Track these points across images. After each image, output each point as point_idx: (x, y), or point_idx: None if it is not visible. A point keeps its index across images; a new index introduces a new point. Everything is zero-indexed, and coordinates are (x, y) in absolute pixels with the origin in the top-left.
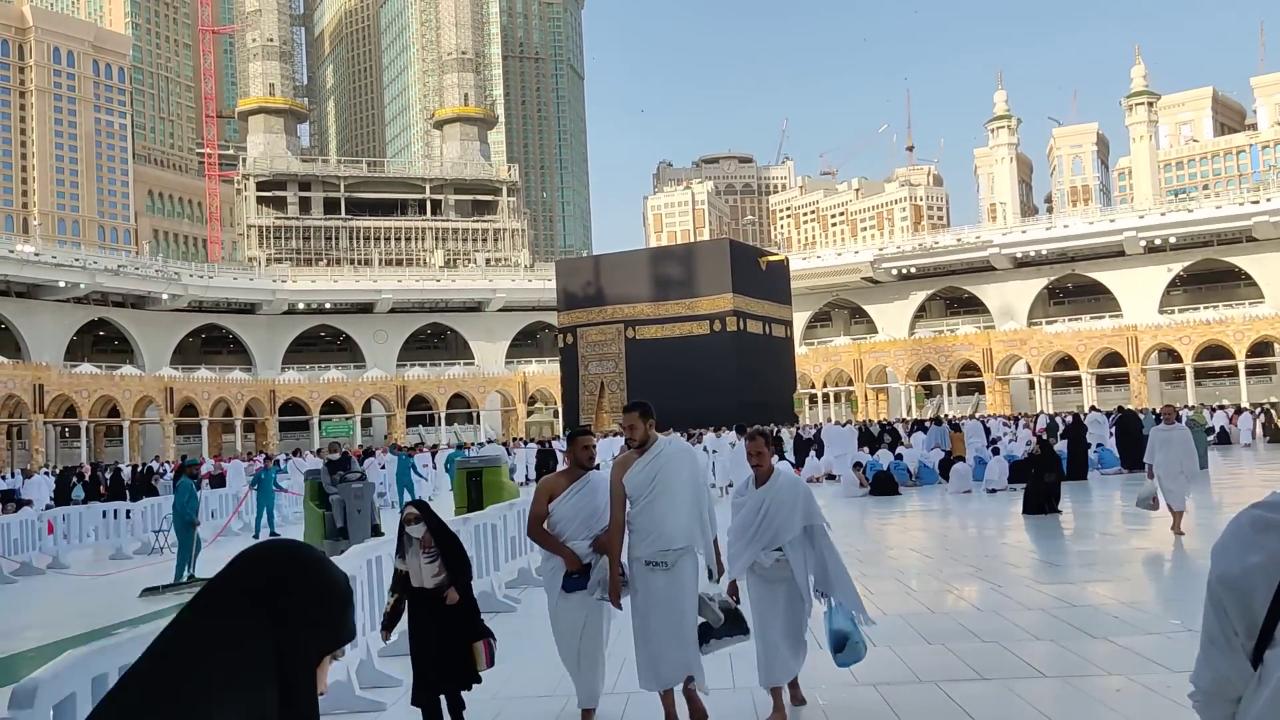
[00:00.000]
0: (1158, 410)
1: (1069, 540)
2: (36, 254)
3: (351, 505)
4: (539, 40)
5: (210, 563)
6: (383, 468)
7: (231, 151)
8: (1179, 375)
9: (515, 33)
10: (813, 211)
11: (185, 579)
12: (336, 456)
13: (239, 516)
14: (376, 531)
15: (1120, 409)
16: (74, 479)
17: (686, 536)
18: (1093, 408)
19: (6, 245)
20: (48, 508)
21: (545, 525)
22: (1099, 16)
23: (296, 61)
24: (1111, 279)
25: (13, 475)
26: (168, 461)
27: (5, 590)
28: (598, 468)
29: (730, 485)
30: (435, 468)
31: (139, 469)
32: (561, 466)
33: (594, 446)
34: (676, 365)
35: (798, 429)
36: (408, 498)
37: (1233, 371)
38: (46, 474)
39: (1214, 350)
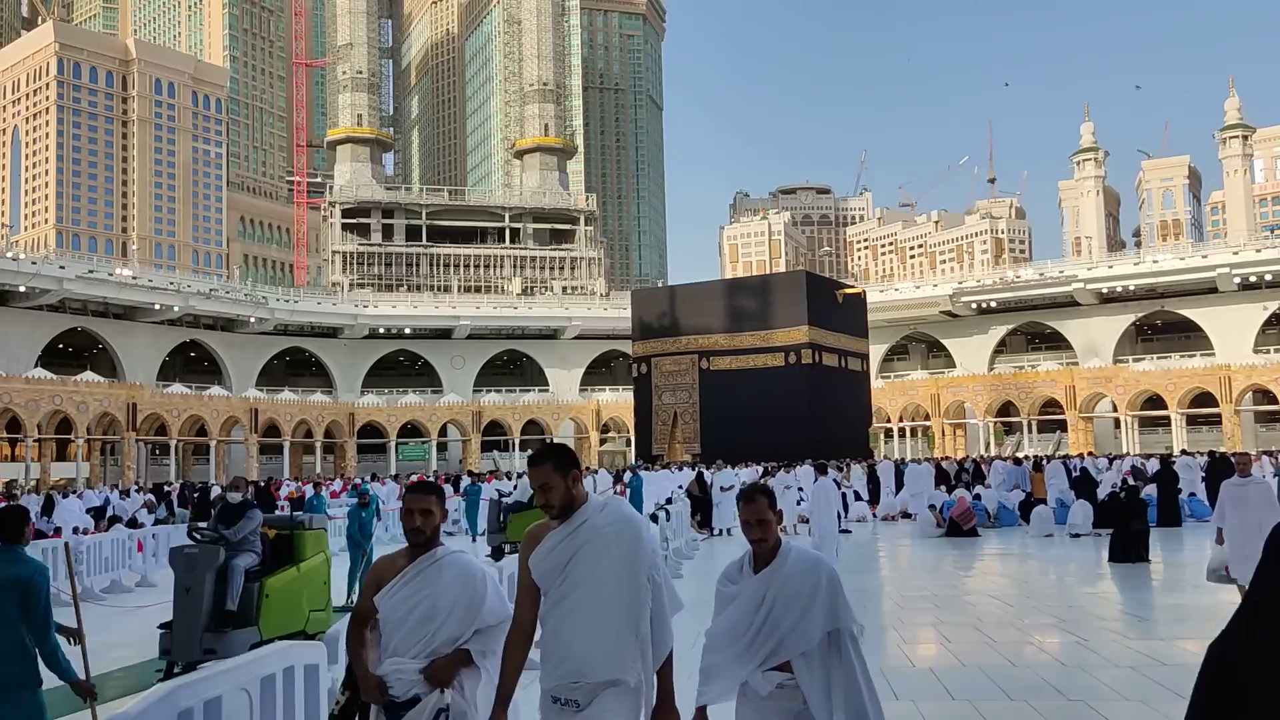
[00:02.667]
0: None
1: (1158, 592)
2: (134, 277)
3: (180, 582)
4: (619, 71)
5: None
6: (456, 493)
7: (319, 179)
8: (1275, 418)
9: (596, 64)
10: (891, 243)
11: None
12: (238, 498)
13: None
14: (227, 621)
15: (1211, 453)
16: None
17: (609, 664)
18: (1183, 451)
19: (106, 269)
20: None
21: (373, 626)
22: (1191, 47)
23: (383, 93)
24: (1203, 316)
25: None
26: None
27: (93, 608)
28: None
29: (801, 521)
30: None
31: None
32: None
33: (435, 512)
34: (750, 397)
35: (870, 463)
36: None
37: None
38: (133, 490)
39: None
